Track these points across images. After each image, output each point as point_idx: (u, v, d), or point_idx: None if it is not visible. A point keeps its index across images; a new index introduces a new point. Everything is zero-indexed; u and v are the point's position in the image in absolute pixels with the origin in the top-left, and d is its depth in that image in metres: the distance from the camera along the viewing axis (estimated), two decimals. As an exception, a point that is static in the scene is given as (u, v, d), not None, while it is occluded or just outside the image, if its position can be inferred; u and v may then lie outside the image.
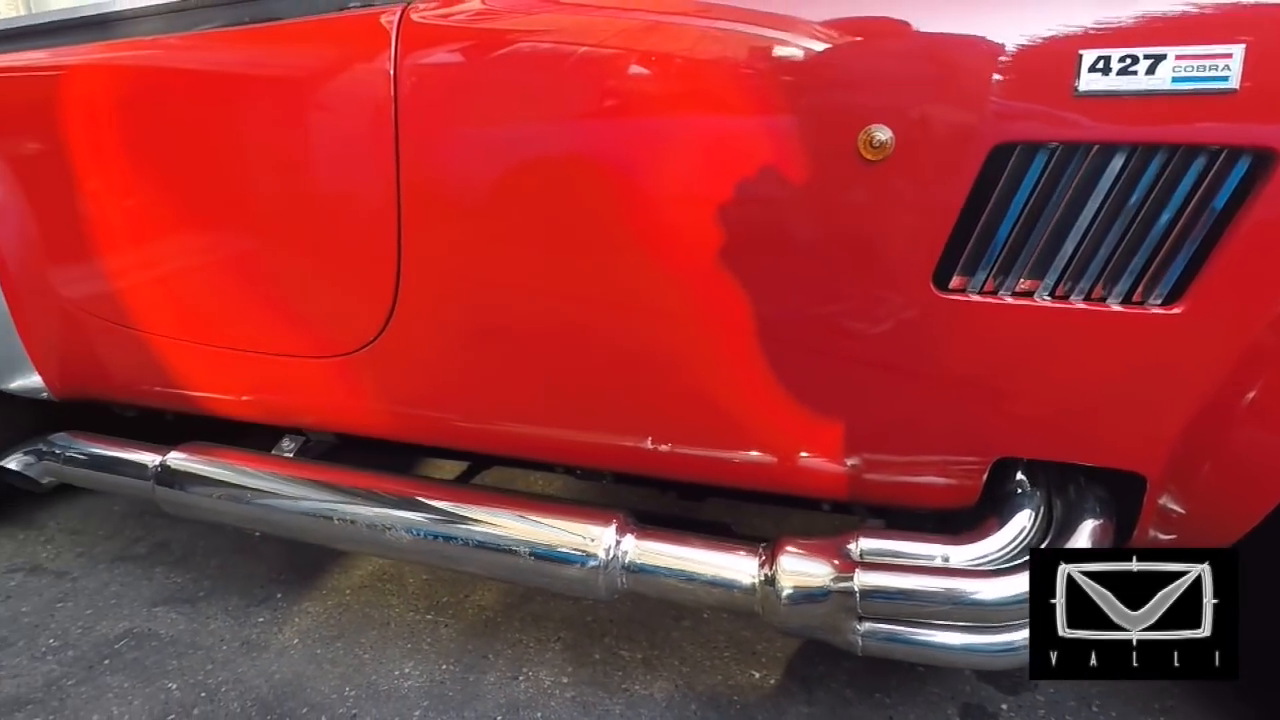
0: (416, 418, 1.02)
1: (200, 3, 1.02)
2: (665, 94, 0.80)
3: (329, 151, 0.94)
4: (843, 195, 0.74)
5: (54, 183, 1.09)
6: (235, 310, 1.05)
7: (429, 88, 0.88)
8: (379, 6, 0.92)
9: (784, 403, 0.84)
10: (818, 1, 0.74)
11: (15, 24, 1.12)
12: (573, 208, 0.85)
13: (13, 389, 1.22)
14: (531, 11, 0.86)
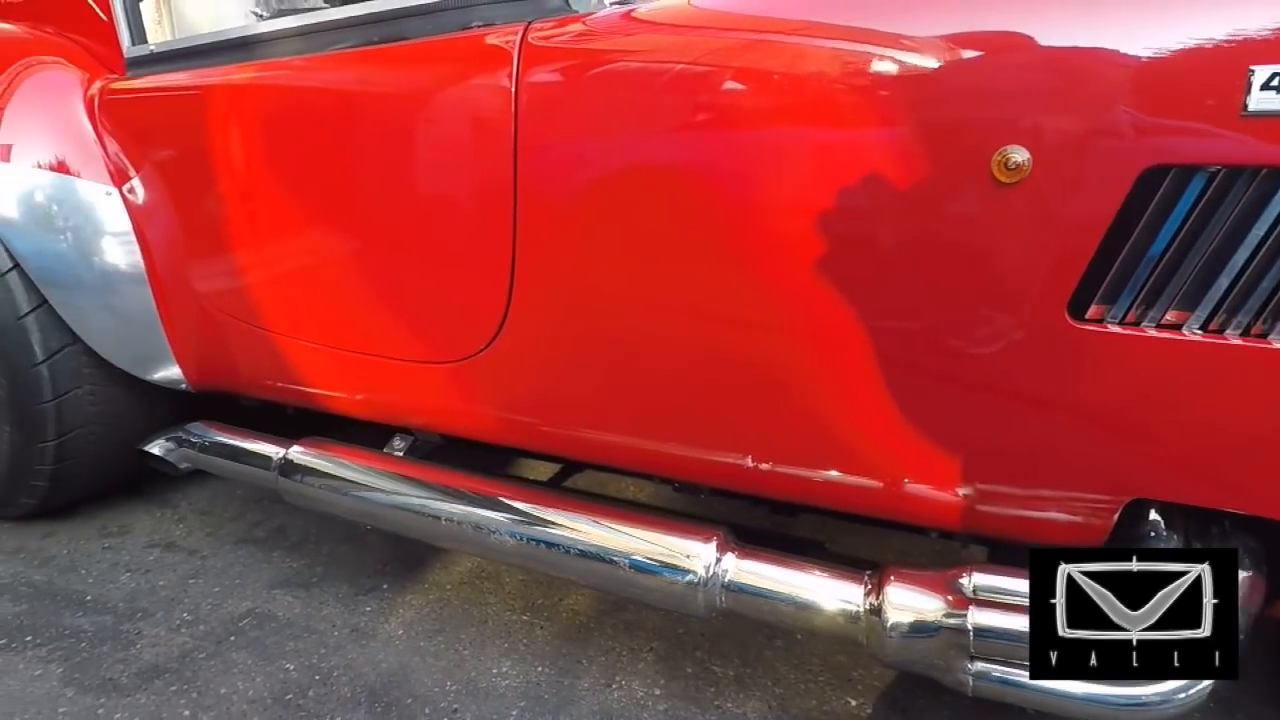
0: (522, 424, 1.04)
1: (333, 25, 1.08)
2: (784, 112, 0.79)
3: (450, 165, 0.98)
4: (972, 218, 0.71)
5: (197, 193, 1.18)
6: (356, 315, 1.10)
7: (547, 103, 0.90)
8: (501, 26, 0.95)
9: (897, 427, 0.81)
10: (946, 16, 0.72)
11: (168, 47, 1.21)
12: (687, 223, 0.85)
13: (155, 379, 1.33)
14: (652, 30, 0.87)
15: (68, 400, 1.28)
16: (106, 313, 1.26)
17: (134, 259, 1.25)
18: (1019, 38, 0.69)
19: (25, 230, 1.20)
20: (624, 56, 0.87)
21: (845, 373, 0.82)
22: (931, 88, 0.71)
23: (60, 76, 1.27)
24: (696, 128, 0.84)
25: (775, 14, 0.81)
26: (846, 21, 0.76)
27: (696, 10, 0.88)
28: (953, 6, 0.72)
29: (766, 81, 0.79)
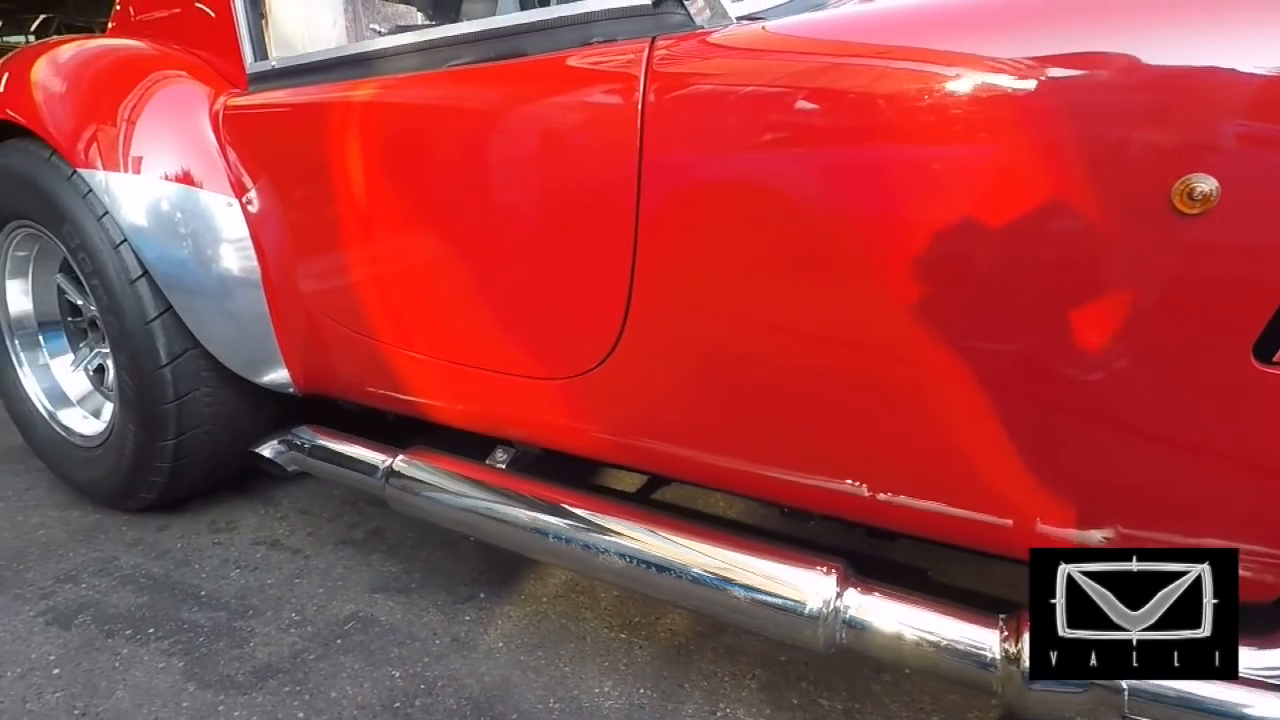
0: (632, 443, 1.03)
1: (450, 41, 1.08)
2: (929, 135, 0.75)
3: (570, 182, 0.97)
4: (1147, 251, 0.66)
5: (314, 205, 1.21)
6: (466, 329, 1.11)
7: (675, 120, 0.88)
8: (623, 42, 0.94)
9: (1038, 465, 0.77)
10: (1122, 34, 0.67)
11: (289, 63, 1.25)
12: (814, 245, 0.82)
13: (265, 383, 1.38)
14: (782, 46, 0.84)
15: (187, 401, 1.33)
16: (223, 318, 1.30)
17: (250, 267, 1.29)
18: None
19: (153, 239, 1.25)
20: (753, 73, 0.84)
21: (986, 409, 0.77)
22: (1104, 111, 0.66)
23: (186, 91, 1.32)
24: (830, 147, 0.80)
25: (922, 35, 0.77)
26: (997, 43, 0.72)
27: (831, 26, 0.85)
28: (1129, 22, 0.67)
29: (909, 103, 0.75)
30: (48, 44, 1.43)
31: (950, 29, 0.75)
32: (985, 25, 0.74)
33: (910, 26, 0.78)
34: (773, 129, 0.83)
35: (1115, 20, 0.68)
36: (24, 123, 1.29)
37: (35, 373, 1.54)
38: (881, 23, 0.82)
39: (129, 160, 1.24)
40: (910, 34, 0.76)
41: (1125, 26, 0.67)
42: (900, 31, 0.78)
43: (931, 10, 0.80)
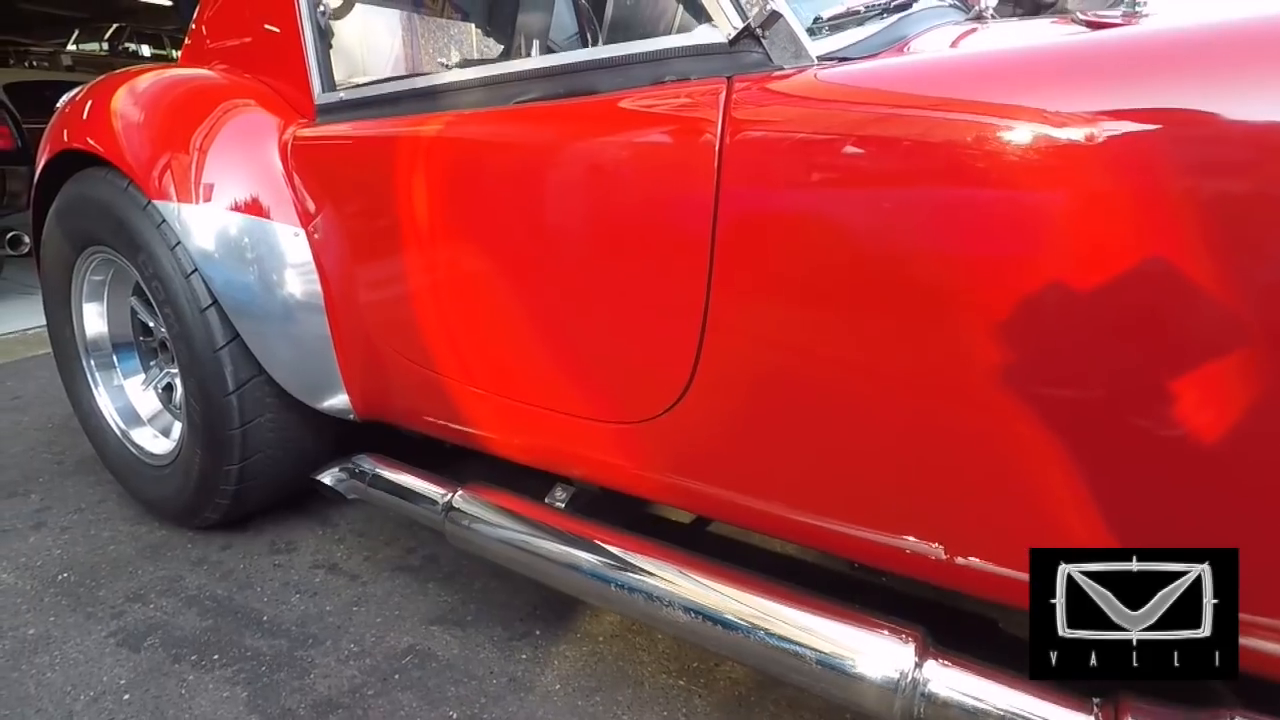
0: (697, 490, 1.00)
1: (518, 76, 1.07)
2: (1007, 187, 0.70)
3: (644, 224, 0.94)
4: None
5: (379, 238, 1.22)
6: (530, 368, 1.10)
7: (753, 163, 0.85)
8: (698, 81, 0.92)
9: (1134, 531, 0.72)
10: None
11: (356, 95, 1.25)
12: (894, 297, 0.78)
13: (325, 408, 1.39)
14: (865, 89, 0.80)
15: (251, 427, 1.35)
16: (288, 345, 1.32)
17: (314, 295, 1.31)
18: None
19: (222, 267, 1.27)
20: (834, 119, 0.80)
21: (1080, 472, 0.72)
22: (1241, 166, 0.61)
23: (256, 121, 1.34)
24: (909, 196, 0.76)
25: (1001, 89, 0.72)
26: (1064, 98, 0.68)
27: (915, 73, 0.81)
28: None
29: (989, 155, 0.71)
30: (126, 74, 1.47)
31: (1032, 82, 0.71)
32: (1058, 77, 0.71)
33: (991, 78, 0.74)
34: (851, 176, 0.80)
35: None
36: (103, 154, 1.33)
37: (109, 393, 1.59)
38: (966, 71, 0.77)
39: (201, 192, 1.26)
40: (989, 87, 0.73)
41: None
42: (982, 83, 0.74)
43: (1013, 62, 0.76)
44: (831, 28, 0.92)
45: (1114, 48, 0.74)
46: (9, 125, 3.65)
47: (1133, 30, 0.77)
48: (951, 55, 0.82)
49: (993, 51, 0.79)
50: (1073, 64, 0.72)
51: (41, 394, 2.45)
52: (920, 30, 1.02)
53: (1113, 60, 0.71)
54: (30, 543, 1.55)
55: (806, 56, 0.86)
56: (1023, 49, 0.79)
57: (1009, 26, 1.12)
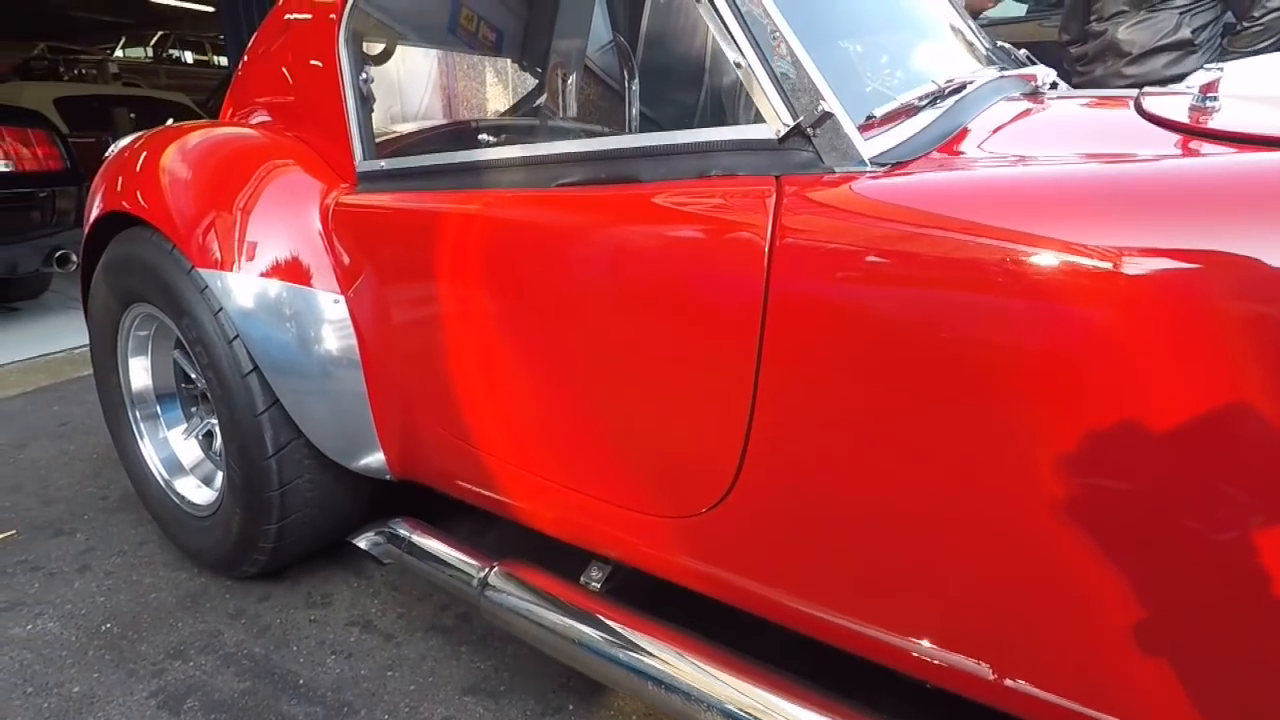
0: (737, 587, 0.98)
1: (560, 158, 1.06)
2: (1057, 315, 0.68)
3: (688, 320, 0.92)
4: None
5: (418, 311, 1.21)
6: (565, 452, 1.09)
7: (804, 265, 0.82)
8: (748, 178, 0.89)
9: (1192, 674, 0.68)
10: None
11: (397, 165, 1.25)
12: (942, 412, 0.76)
13: (361, 469, 1.39)
14: (926, 195, 0.78)
15: (290, 489, 1.36)
16: (327, 409, 1.32)
17: (354, 362, 1.31)
18: None
19: (263, 334, 1.28)
20: (881, 232, 0.78)
21: (1149, 607, 0.69)
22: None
23: (298, 185, 1.35)
24: (954, 315, 0.74)
25: (1056, 211, 0.70)
26: (1103, 233, 0.65)
27: (962, 189, 0.78)
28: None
29: (1032, 277, 0.69)
30: (171, 133, 1.49)
31: (1063, 213, 0.70)
32: (1089, 209, 0.69)
33: (1027, 204, 0.72)
34: (894, 292, 0.77)
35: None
36: (149, 219, 1.35)
37: (154, 444, 1.62)
38: (1007, 195, 0.75)
39: (243, 260, 1.28)
40: (1024, 214, 0.71)
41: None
42: (1019, 209, 0.72)
43: (1048, 188, 0.73)
44: (884, 118, 0.90)
45: (1148, 183, 0.71)
46: (58, 146, 3.74)
47: (1165, 168, 0.73)
48: (997, 176, 0.79)
49: (1032, 176, 0.77)
50: (1105, 196, 0.70)
51: (87, 419, 2.51)
52: (975, 114, 0.99)
53: (1144, 199, 0.68)
54: (75, 588, 1.59)
55: (858, 159, 0.84)
56: (1059, 175, 0.76)
57: (1060, 109, 1.07)
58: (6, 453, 2.27)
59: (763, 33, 0.88)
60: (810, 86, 0.85)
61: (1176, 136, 0.84)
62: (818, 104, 0.84)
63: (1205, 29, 2.46)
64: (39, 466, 2.17)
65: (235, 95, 1.65)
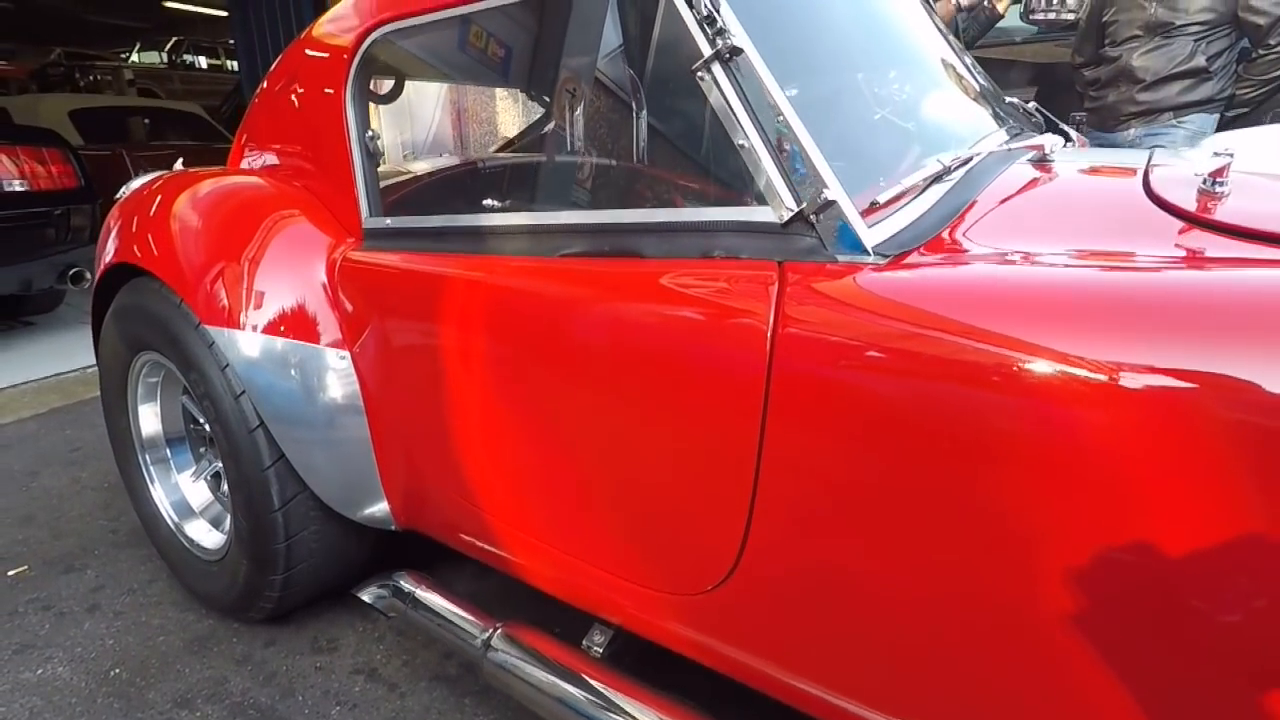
0: (739, 663, 0.98)
1: (564, 229, 1.06)
2: (1051, 424, 0.68)
3: (689, 400, 0.92)
4: None
5: (423, 371, 1.21)
6: (566, 522, 1.09)
7: (803, 361, 0.82)
8: (750, 262, 0.89)
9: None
10: None
11: (403, 224, 1.26)
12: (940, 506, 0.76)
13: (365, 519, 1.40)
14: (931, 289, 0.77)
15: (296, 541, 1.37)
16: (333, 464, 1.33)
17: (360, 419, 1.32)
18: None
19: (269, 390, 1.29)
20: (883, 328, 0.77)
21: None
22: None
23: (305, 237, 1.36)
24: (951, 413, 0.74)
25: (1054, 320, 0.69)
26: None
27: (980, 281, 0.77)
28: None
29: (1026, 383, 0.68)
30: (180, 181, 1.50)
31: (1061, 323, 0.69)
32: (1084, 318, 0.68)
33: (1028, 310, 0.72)
34: (894, 386, 0.77)
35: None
36: (157, 273, 1.36)
37: (164, 488, 1.63)
38: (1010, 297, 0.74)
39: (250, 317, 1.28)
40: (1024, 320, 0.71)
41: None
42: (1020, 315, 0.71)
43: (1051, 293, 0.73)
44: (888, 201, 0.89)
45: (1149, 296, 0.70)
46: (72, 164, 3.77)
47: (1168, 281, 0.73)
48: (997, 276, 0.78)
49: (1032, 279, 0.76)
50: (1104, 307, 0.70)
51: (99, 444, 2.53)
52: (978, 193, 0.98)
53: (1144, 312, 0.68)
54: (85, 629, 1.60)
55: (860, 248, 0.83)
56: (1059, 280, 0.75)
57: (1065, 185, 1.06)
58: (20, 480, 2.30)
59: (768, 117, 0.88)
60: (814, 173, 0.85)
61: (1182, 225, 0.83)
62: (821, 192, 0.84)
63: (1220, 56, 2.43)
64: (51, 496, 2.20)
65: (248, 130, 1.65)
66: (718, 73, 0.90)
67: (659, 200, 1.09)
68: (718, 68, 0.90)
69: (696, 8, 0.91)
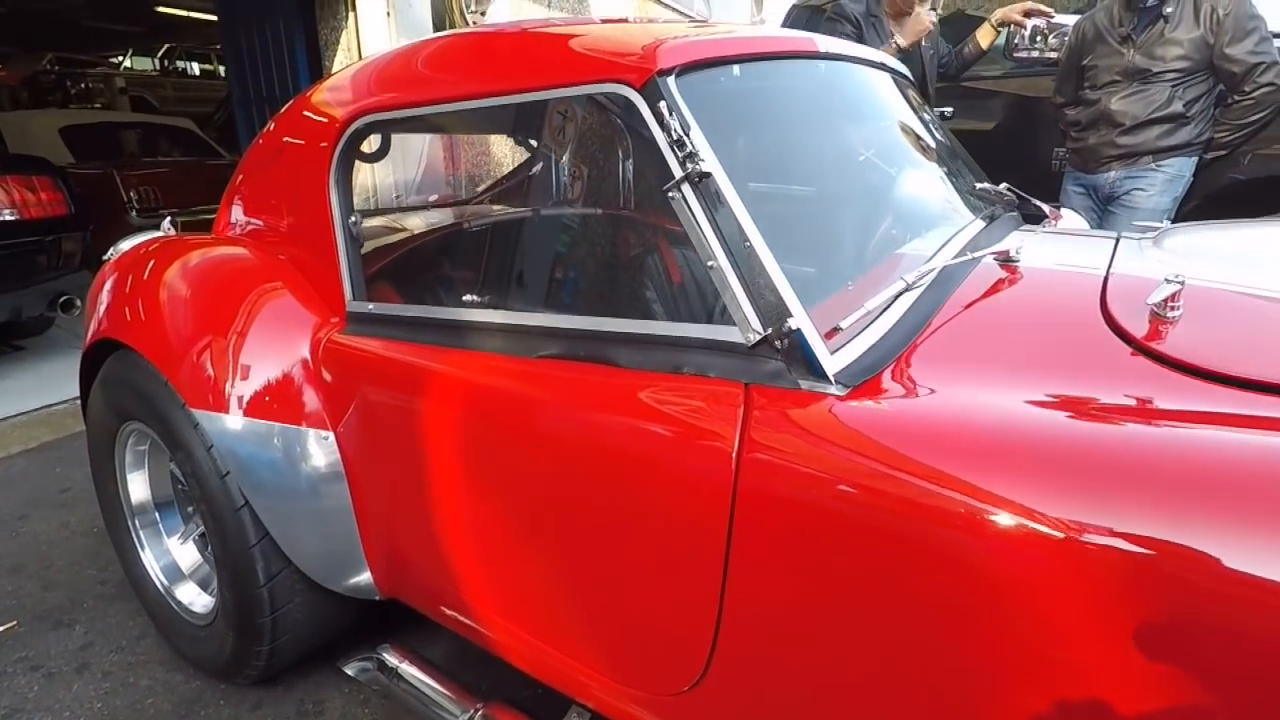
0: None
1: (541, 330, 1.08)
2: (1006, 576, 0.70)
3: (656, 504, 0.95)
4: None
5: (404, 459, 1.24)
6: (541, 614, 1.12)
7: (767, 484, 0.85)
8: (718, 381, 0.92)
9: None
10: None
11: (385, 311, 1.28)
12: (896, 631, 0.79)
13: (349, 591, 1.42)
14: (878, 449, 0.79)
15: (281, 614, 1.39)
16: (319, 544, 1.35)
17: (344, 497, 1.34)
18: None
19: (253, 471, 1.31)
20: (841, 462, 0.80)
21: None
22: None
23: (291, 316, 1.37)
24: (906, 549, 0.77)
25: (1014, 471, 0.72)
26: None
27: (939, 423, 0.80)
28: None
29: (981, 533, 0.71)
30: (165, 252, 1.51)
31: (1020, 475, 0.72)
32: (1041, 472, 0.71)
33: (988, 458, 0.74)
34: (851, 519, 0.80)
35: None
36: (143, 354, 1.38)
37: (154, 552, 1.65)
38: (969, 444, 0.77)
39: (234, 400, 1.30)
40: (983, 468, 0.73)
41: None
42: (979, 463, 0.74)
43: (1013, 443, 0.75)
44: (851, 325, 0.92)
45: (1107, 454, 0.72)
46: (62, 191, 3.78)
47: (1125, 438, 0.75)
48: (957, 420, 0.80)
49: (994, 425, 0.78)
50: (1061, 461, 0.72)
51: (88, 484, 2.47)
52: (943, 306, 1.01)
53: (1099, 472, 0.70)
54: (74, 691, 1.62)
55: (824, 376, 0.86)
56: (1024, 428, 0.77)
57: (1025, 300, 1.09)
58: (9, 525, 2.31)
59: (736, 241, 0.91)
60: (779, 302, 0.88)
61: (1130, 353, 0.86)
62: (785, 320, 0.87)
63: (1197, 101, 2.47)
64: (40, 543, 2.21)
65: (237, 194, 1.66)
66: (688, 194, 0.93)
67: (634, 308, 1.12)
68: (687, 189, 0.93)
69: (668, 130, 0.94)
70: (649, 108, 0.95)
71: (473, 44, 1.27)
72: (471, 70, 1.20)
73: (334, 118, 1.34)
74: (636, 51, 1.00)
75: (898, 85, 1.49)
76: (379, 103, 1.28)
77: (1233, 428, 0.71)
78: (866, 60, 1.39)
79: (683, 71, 0.99)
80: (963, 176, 1.47)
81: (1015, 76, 3.40)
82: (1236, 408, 0.74)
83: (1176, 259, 1.12)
